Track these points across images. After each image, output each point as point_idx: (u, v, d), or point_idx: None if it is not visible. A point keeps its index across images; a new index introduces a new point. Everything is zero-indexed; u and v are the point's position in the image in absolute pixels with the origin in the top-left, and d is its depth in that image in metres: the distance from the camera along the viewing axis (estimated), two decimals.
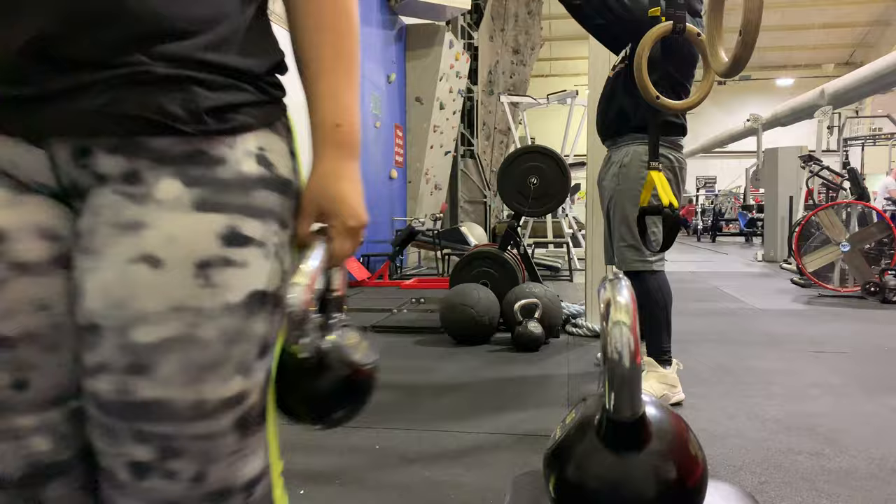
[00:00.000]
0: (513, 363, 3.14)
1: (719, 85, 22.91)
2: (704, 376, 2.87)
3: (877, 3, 19.50)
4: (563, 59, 22.72)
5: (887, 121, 13.15)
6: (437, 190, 9.19)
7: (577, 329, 3.83)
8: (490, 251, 4.14)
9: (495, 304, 3.59)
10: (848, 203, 5.88)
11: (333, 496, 1.69)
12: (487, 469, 1.85)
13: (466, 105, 10.23)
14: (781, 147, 9.49)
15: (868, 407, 2.44)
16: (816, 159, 7.91)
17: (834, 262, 5.56)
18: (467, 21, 10.34)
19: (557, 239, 8.56)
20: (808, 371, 2.97)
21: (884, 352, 3.39)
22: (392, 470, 1.85)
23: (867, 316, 4.54)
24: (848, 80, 12.22)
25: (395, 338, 3.80)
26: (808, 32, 20.88)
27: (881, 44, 21.22)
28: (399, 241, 6.50)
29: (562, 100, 8.12)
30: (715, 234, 16.01)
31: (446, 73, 8.48)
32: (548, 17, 14.16)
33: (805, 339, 3.73)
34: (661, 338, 2.50)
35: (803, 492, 1.70)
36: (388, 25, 7.64)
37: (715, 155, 23.09)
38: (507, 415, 2.35)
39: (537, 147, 4.48)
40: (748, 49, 1.57)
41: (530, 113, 9.07)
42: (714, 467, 1.87)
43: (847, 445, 2.04)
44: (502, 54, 11.47)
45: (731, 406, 2.45)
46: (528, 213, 4.35)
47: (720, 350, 3.42)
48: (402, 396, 2.61)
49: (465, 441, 2.09)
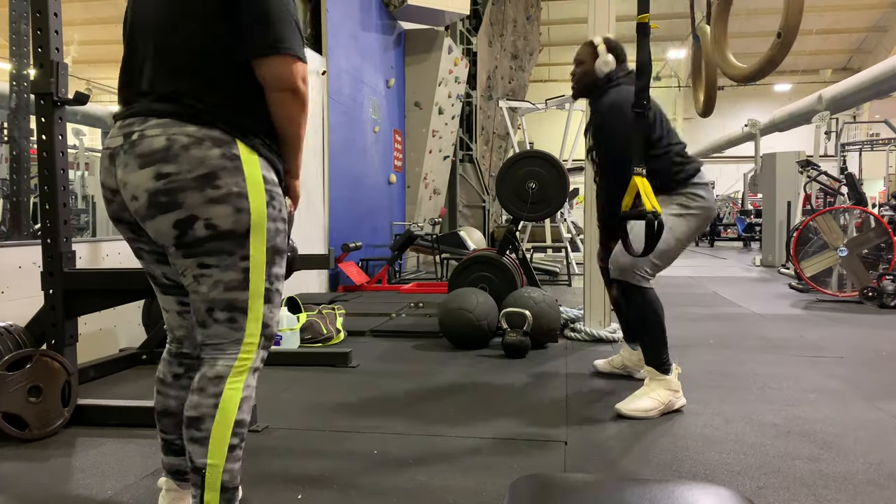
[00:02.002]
0: (511, 368, 3.14)
1: (717, 90, 22.95)
2: (703, 381, 2.87)
3: (874, 10, 19.59)
4: (561, 65, 22.77)
5: (885, 126, 13.19)
6: (436, 194, 9.20)
7: (576, 333, 3.83)
8: (489, 256, 4.15)
9: (494, 309, 3.59)
10: (846, 208, 5.89)
11: (330, 501, 1.69)
12: (485, 473, 1.85)
13: (465, 110, 10.25)
14: (779, 152, 9.50)
15: (866, 412, 2.44)
16: (814, 164, 7.94)
17: (832, 267, 5.57)
18: (466, 26, 10.37)
19: (556, 243, 8.57)
20: (806, 376, 2.98)
21: (882, 357, 3.39)
22: (389, 474, 1.85)
23: (865, 321, 4.55)
24: (845, 85, 12.25)
25: (393, 342, 3.80)
26: (806, 38, 20.94)
27: (878, 49, 21.29)
28: (398, 245, 6.50)
29: (560, 105, 8.14)
30: (713, 239, 16.03)
31: (445, 78, 8.49)
32: (546, 23, 14.20)
33: (803, 343, 3.73)
34: (659, 350, 2.50)
35: (802, 496, 1.70)
36: (387, 31, 7.66)
37: (713, 160, 23.12)
38: (504, 419, 2.35)
39: (536, 152, 4.49)
40: (785, 50, 1.56)
41: (529, 118, 9.10)
42: (712, 472, 1.87)
43: (845, 450, 2.04)
44: (501, 59, 11.50)
45: (729, 411, 2.45)
46: (527, 218, 4.35)
47: (718, 355, 3.43)
48: (399, 401, 2.61)
49: (462, 445, 2.08)
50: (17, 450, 2.06)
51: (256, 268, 1.32)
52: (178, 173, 1.24)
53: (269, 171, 1.34)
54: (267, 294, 1.34)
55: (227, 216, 1.27)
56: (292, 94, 1.31)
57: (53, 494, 1.74)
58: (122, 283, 2.38)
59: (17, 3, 3.19)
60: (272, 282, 1.35)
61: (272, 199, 1.33)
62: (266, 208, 1.31)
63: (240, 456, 1.34)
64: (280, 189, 1.37)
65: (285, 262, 1.40)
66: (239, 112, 1.30)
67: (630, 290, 2.51)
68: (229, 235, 1.28)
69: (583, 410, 2.46)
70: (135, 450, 2.05)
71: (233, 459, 1.31)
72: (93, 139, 10.29)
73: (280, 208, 1.35)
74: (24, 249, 2.82)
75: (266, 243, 1.32)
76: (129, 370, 3.07)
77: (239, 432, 1.32)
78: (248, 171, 1.29)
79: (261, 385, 1.79)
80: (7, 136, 3.19)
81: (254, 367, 1.35)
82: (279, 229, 1.35)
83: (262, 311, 1.34)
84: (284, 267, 1.40)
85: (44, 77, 2.26)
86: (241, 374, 1.33)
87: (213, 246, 1.28)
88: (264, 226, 1.31)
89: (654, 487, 0.93)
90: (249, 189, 1.29)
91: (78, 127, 9.10)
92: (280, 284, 1.38)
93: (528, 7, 11.73)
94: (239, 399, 1.31)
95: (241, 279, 1.31)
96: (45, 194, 2.30)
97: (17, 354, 2.16)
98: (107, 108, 10.39)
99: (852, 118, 19.02)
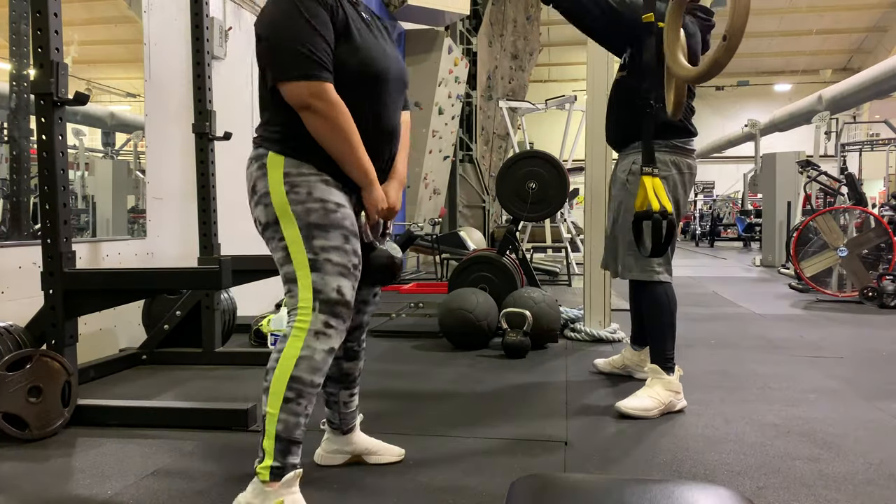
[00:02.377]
0: (511, 368, 3.14)
1: (717, 90, 22.99)
2: (703, 381, 2.87)
3: (874, 10, 19.58)
4: (561, 65, 22.78)
5: (885, 126, 13.19)
6: (436, 194, 9.19)
7: (576, 334, 3.83)
8: (489, 256, 4.15)
9: (494, 309, 3.59)
10: (846, 208, 5.89)
11: (330, 501, 1.69)
12: (486, 474, 1.85)
13: (465, 110, 10.24)
14: (779, 152, 9.50)
15: (866, 412, 2.44)
16: (814, 164, 7.94)
17: (832, 267, 5.57)
18: (466, 26, 10.36)
19: (556, 244, 8.57)
20: (805, 376, 2.98)
21: (881, 357, 3.39)
22: (390, 475, 1.85)
23: (865, 321, 4.55)
24: (845, 85, 12.27)
25: (393, 342, 3.80)
26: (806, 38, 20.97)
27: (879, 49, 21.29)
28: (398, 245, 6.50)
29: (560, 105, 8.13)
30: (713, 240, 16.03)
31: (445, 78, 8.49)
32: (546, 23, 14.21)
33: (803, 343, 3.73)
34: (666, 346, 2.50)
35: (802, 496, 1.70)
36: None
37: (713, 160, 23.13)
38: (505, 419, 2.35)
39: (536, 152, 4.49)
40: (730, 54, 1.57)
41: (529, 118, 9.10)
42: (712, 472, 1.87)
43: (845, 450, 2.04)
44: (501, 59, 11.50)
45: (729, 411, 2.45)
46: (527, 218, 4.35)
47: (718, 355, 3.43)
48: (399, 401, 2.61)
49: (462, 445, 2.08)
50: (17, 450, 2.06)
51: (294, 243, 1.53)
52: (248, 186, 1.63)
53: (295, 168, 1.55)
54: (313, 264, 1.53)
55: (262, 212, 1.58)
56: (309, 111, 1.52)
57: (53, 494, 1.74)
58: (122, 283, 2.38)
59: (17, 3, 3.19)
60: (316, 252, 1.53)
61: (292, 188, 1.54)
62: (286, 197, 1.54)
63: (298, 411, 1.51)
64: (310, 178, 1.56)
65: (334, 233, 1.55)
66: (274, 127, 1.59)
67: (646, 284, 2.51)
68: (267, 226, 1.57)
69: (583, 410, 2.46)
70: (135, 450, 2.05)
71: (287, 412, 1.50)
72: (93, 139, 10.28)
73: (307, 192, 1.54)
74: (24, 249, 2.82)
75: (297, 222, 1.53)
76: (129, 370, 3.06)
77: (295, 387, 1.50)
78: (271, 174, 1.56)
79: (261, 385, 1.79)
80: (7, 136, 3.19)
81: (314, 329, 1.51)
82: (310, 209, 1.53)
83: (310, 278, 1.52)
84: (333, 238, 1.54)
85: (44, 77, 2.26)
86: (300, 334, 1.51)
87: (265, 236, 1.60)
88: (289, 210, 1.53)
89: (654, 487, 0.93)
90: (271, 187, 1.55)
91: (78, 127, 9.10)
92: (329, 255, 1.53)
93: (528, 7, 11.72)
94: (296, 356, 1.50)
95: (284, 255, 1.55)
96: (45, 194, 2.30)
97: (17, 354, 2.16)
98: (107, 108, 10.35)
99: (852, 118, 19.01)
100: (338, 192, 1.59)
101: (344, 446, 1.90)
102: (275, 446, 1.50)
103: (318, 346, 1.51)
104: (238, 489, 1.58)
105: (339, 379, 1.86)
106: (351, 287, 1.57)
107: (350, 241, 1.57)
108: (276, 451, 1.50)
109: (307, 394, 1.51)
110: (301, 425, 1.53)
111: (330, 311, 1.52)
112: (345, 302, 1.55)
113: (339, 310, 1.54)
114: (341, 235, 1.55)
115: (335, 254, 1.54)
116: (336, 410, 1.87)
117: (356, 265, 1.59)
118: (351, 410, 1.89)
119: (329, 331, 1.52)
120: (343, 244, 1.55)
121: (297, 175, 1.55)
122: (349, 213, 1.60)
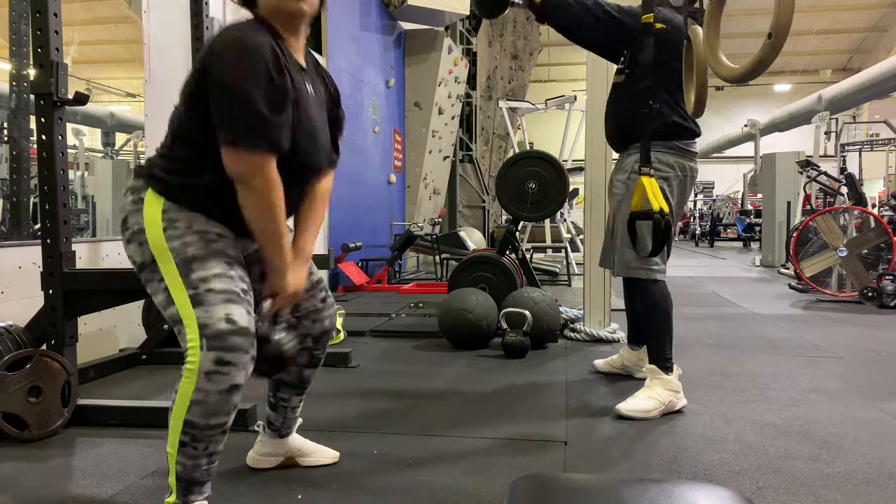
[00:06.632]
0: (511, 368, 3.14)
1: (717, 90, 22.98)
2: (702, 381, 2.87)
3: (874, 10, 19.59)
4: (561, 65, 22.78)
5: (885, 126, 13.19)
6: (436, 195, 9.19)
7: (576, 334, 3.83)
8: (488, 256, 4.15)
9: (493, 309, 3.59)
10: (846, 208, 5.89)
11: (330, 501, 1.69)
12: (485, 473, 1.85)
13: (465, 110, 10.25)
14: (779, 152, 9.50)
15: (866, 412, 2.44)
16: (814, 164, 7.94)
17: (831, 268, 5.57)
18: (466, 26, 10.36)
19: (556, 244, 8.57)
20: (805, 376, 2.98)
21: (881, 357, 3.39)
22: (390, 475, 1.85)
23: (865, 321, 4.55)
24: (845, 85, 12.27)
25: (393, 342, 3.80)
26: (806, 38, 20.96)
27: (878, 50, 21.30)
28: (398, 245, 6.50)
29: (560, 105, 8.13)
30: (713, 240, 16.03)
31: (445, 78, 8.49)
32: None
33: (803, 344, 3.73)
34: (664, 345, 2.50)
35: (801, 496, 1.70)
36: (387, 31, 7.66)
37: (713, 160, 23.14)
38: (504, 419, 2.35)
39: (536, 152, 4.49)
40: (776, 51, 1.54)
41: (529, 118, 9.09)
42: (712, 472, 1.87)
43: (845, 450, 2.04)
44: (501, 59, 11.50)
45: (728, 411, 2.45)
46: (527, 218, 4.35)
47: (718, 355, 3.43)
48: (399, 401, 2.61)
49: (462, 445, 2.08)
50: (17, 450, 2.06)
51: (174, 284, 1.41)
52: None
53: (178, 213, 1.45)
54: (194, 299, 1.39)
55: (136, 251, 1.46)
56: (246, 186, 1.41)
57: (53, 494, 1.74)
58: (122, 283, 2.38)
59: (17, 3, 3.19)
60: (196, 286, 1.40)
61: (171, 224, 1.44)
62: (163, 234, 1.43)
63: (195, 454, 1.39)
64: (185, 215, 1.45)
65: (213, 262, 1.43)
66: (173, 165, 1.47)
67: (643, 283, 2.52)
68: (143, 266, 1.46)
69: (583, 410, 2.46)
70: (135, 450, 2.05)
71: (184, 455, 1.39)
72: (93, 139, 10.28)
73: (187, 225, 1.44)
74: (24, 249, 2.82)
75: (174, 259, 1.42)
76: (129, 370, 3.07)
77: (189, 432, 1.38)
78: (147, 209, 1.45)
79: (261, 385, 1.79)
80: (7, 136, 3.20)
81: (203, 370, 1.35)
82: (188, 242, 1.43)
83: (194, 316, 1.38)
84: (212, 267, 1.42)
85: (44, 77, 2.26)
86: (191, 376, 1.36)
87: (142, 277, 1.48)
88: (166, 248, 1.42)
89: (653, 487, 0.93)
90: (147, 223, 1.44)
91: (78, 127, 9.10)
92: (210, 284, 1.40)
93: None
94: (188, 401, 1.37)
95: (165, 297, 1.43)
96: (45, 194, 2.30)
97: (17, 354, 2.16)
98: (107, 108, 10.39)
99: (852, 118, 19.02)
100: (221, 226, 1.49)
101: (278, 449, 1.87)
102: (176, 485, 1.41)
103: (211, 387, 1.35)
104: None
105: (297, 385, 1.81)
106: (245, 312, 1.41)
107: (234, 268, 1.45)
108: (178, 489, 1.42)
109: (204, 437, 1.38)
110: (202, 466, 1.41)
111: (221, 345, 1.35)
112: (239, 329, 1.37)
113: (234, 340, 1.36)
114: (224, 263, 1.44)
115: (217, 281, 1.40)
116: (282, 415, 1.83)
117: (245, 290, 1.45)
118: (296, 415, 1.87)
119: (224, 368, 1.35)
120: (227, 271, 1.43)
121: (178, 210, 1.45)
122: (233, 244, 1.49)
